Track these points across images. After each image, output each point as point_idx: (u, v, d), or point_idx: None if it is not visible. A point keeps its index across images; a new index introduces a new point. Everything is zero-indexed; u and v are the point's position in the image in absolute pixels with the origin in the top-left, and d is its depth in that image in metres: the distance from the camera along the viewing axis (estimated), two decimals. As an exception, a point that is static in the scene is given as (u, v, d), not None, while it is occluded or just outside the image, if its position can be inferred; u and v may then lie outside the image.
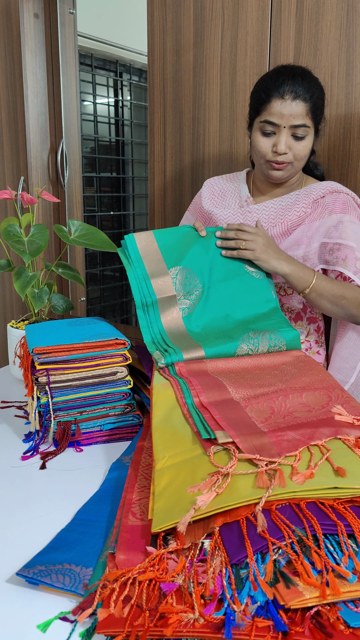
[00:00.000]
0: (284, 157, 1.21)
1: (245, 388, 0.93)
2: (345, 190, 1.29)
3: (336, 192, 1.28)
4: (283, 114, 1.17)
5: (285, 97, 1.17)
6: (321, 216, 1.27)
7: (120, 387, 1.06)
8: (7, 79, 2.11)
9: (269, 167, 1.24)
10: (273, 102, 1.18)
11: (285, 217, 1.28)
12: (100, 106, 2.72)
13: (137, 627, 0.55)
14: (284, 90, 1.17)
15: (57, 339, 1.07)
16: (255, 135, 1.24)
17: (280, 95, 1.17)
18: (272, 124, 1.19)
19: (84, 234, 1.46)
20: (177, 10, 1.72)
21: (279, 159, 1.22)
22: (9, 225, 1.38)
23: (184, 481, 0.72)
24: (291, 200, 1.29)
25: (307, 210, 1.27)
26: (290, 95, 1.16)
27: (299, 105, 1.17)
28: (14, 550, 0.71)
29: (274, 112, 1.18)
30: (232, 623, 0.54)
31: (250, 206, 1.33)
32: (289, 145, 1.20)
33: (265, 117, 1.20)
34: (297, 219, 1.27)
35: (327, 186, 1.29)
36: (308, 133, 1.21)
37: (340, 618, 0.54)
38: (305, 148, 1.22)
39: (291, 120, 1.18)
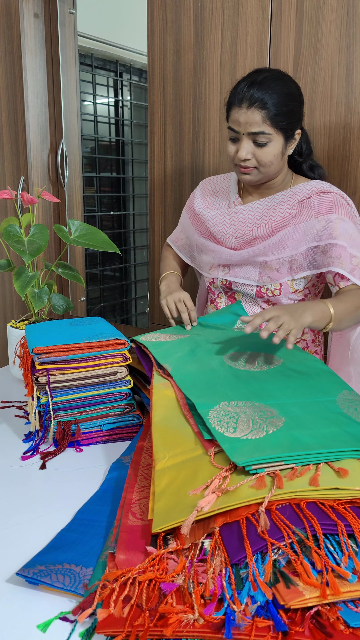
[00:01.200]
0: (247, 163, 1.23)
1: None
2: (333, 190, 1.27)
3: (323, 193, 1.26)
4: (240, 121, 1.19)
5: (241, 105, 1.18)
6: (308, 218, 1.25)
7: (120, 387, 1.06)
8: (7, 79, 2.11)
9: (238, 170, 1.27)
10: (232, 110, 1.20)
11: (269, 218, 1.28)
12: (100, 106, 2.72)
13: (137, 627, 0.55)
14: (241, 97, 1.18)
15: (57, 339, 1.07)
16: (228, 140, 1.26)
17: (237, 103, 1.19)
18: (233, 130, 1.21)
19: (84, 234, 1.46)
20: (177, 10, 1.72)
21: (242, 164, 1.24)
22: (9, 225, 1.38)
23: (184, 481, 0.72)
24: (277, 200, 1.29)
25: (292, 212, 1.26)
26: (245, 103, 1.17)
27: (254, 113, 1.17)
28: (14, 550, 0.71)
29: (233, 119, 1.20)
30: (232, 623, 0.54)
31: (237, 207, 1.35)
32: (251, 152, 1.21)
33: (229, 123, 1.22)
34: (282, 220, 1.26)
35: (313, 186, 1.27)
36: (270, 140, 1.19)
37: (340, 618, 0.54)
38: (269, 154, 1.21)
39: (248, 128, 1.18)
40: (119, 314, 3.03)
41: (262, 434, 0.78)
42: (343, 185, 1.53)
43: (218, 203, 1.40)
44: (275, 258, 1.28)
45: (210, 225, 1.37)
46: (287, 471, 0.70)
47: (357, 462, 0.73)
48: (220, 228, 1.35)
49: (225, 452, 0.74)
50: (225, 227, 1.35)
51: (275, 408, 0.86)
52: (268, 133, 1.18)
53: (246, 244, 1.32)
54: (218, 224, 1.36)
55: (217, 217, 1.36)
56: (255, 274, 1.33)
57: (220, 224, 1.36)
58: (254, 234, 1.29)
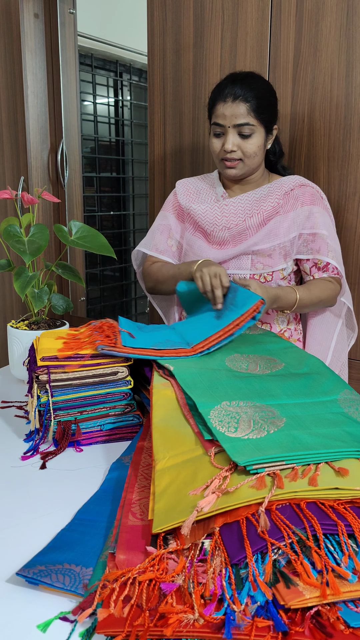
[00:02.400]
0: (233, 155, 1.32)
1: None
2: (310, 184, 1.40)
3: (303, 186, 1.39)
4: (226, 115, 1.29)
5: (226, 100, 1.29)
6: (294, 207, 1.37)
7: (120, 387, 1.06)
8: (7, 79, 2.11)
9: (223, 165, 1.36)
10: (217, 106, 1.31)
11: (260, 207, 1.37)
12: (100, 106, 2.72)
13: (137, 627, 0.55)
14: (225, 93, 1.29)
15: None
16: (210, 138, 1.37)
17: (222, 99, 1.29)
18: (219, 125, 1.31)
19: (84, 235, 1.46)
20: (177, 10, 1.72)
21: (228, 157, 1.32)
22: (9, 225, 1.39)
23: (184, 482, 0.72)
24: (264, 192, 1.39)
25: (279, 202, 1.36)
26: (230, 97, 1.28)
27: (239, 105, 1.28)
28: (14, 550, 0.71)
29: (219, 114, 1.30)
30: (232, 623, 0.54)
31: (226, 200, 1.41)
32: (236, 144, 1.31)
33: (214, 120, 1.32)
34: (272, 209, 1.36)
35: (296, 180, 1.39)
36: (254, 131, 1.30)
37: (340, 618, 0.54)
38: (254, 145, 1.32)
39: (234, 120, 1.29)
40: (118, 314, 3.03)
41: (263, 434, 0.78)
42: (343, 185, 1.53)
43: (203, 198, 1.46)
44: (267, 246, 1.36)
45: (200, 218, 1.42)
46: (287, 471, 0.70)
47: (357, 462, 0.73)
48: (212, 220, 1.40)
49: (226, 452, 0.74)
50: (217, 219, 1.40)
51: (276, 408, 0.86)
52: (252, 124, 1.29)
53: (238, 234, 1.38)
54: (209, 216, 1.40)
55: (208, 210, 1.41)
56: (248, 262, 1.39)
57: (212, 217, 1.40)
58: (246, 224, 1.37)
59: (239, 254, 1.37)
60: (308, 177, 1.57)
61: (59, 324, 1.41)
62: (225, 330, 1.11)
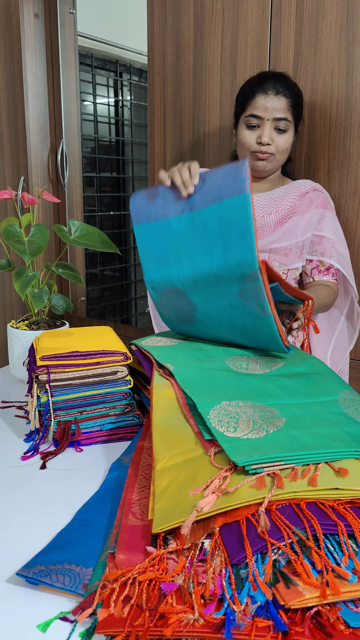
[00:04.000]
0: (268, 148, 1.33)
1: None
2: (323, 190, 1.44)
3: (317, 191, 1.43)
4: (267, 107, 1.30)
5: (268, 93, 1.31)
6: (309, 209, 1.40)
7: (120, 387, 1.06)
8: (7, 79, 2.11)
9: (254, 157, 1.36)
10: (257, 97, 1.31)
11: (278, 206, 1.40)
12: (100, 106, 2.72)
13: (137, 627, 0.55)
14: (267, 87, 1.31)
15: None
16: (240, 130, 1.36)
17: (264, 91, 1.31)
18: (256, 117, 1.32)
19: (84, 234, 1.46)
20: (177, 10, 1.72)
21: (263, 149, 1.33)
22: (9, 225, 1.39)
23: (184, 482, 0.72)
24: (282, 192, 1.42)
25: (296, 202, 1.40)
26: (272, 91, 1.30)
27: (281, 100, 1.31)
28: (14, 550, 0.71)
29: (258, 106, 1.31)
30: (232, 623, 0.54)
31: None
32: (272, 138, 1.32)
33: (250, 111, 1.32)
34: (289, 209, 1.40)
35: (310, 184, 1.43)
36: (289, 128, 1.33)
37: (340, 618, 0.54)
38: (287, 142, 1.34)
39: (274, 113, 1.31)
40: (119, 314, 3.03)
41: (262, 434, 0.78)
42: (343, 185, 1.53)
43: None
44: (285, 245, 1.38)
45: None
46: (287, 471, 0.70)
47: (357, 462, 0.73)
48: None
49: (225, 452, 0.74)
50: None
51: (275, 408, 0.86)
52: (289, 120, 1.32)
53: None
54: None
55: None
56: (264, 258, 1.41)
57: None
58: (264, 221, 1.40)
59: (263, 247, 1.39)
60: (308, 177, 1.57)
61: (59, 324, 1.41)
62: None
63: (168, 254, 1.11)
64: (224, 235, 1.01)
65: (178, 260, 1.09)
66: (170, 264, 1.11)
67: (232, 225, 1.00)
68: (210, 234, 1.03)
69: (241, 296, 1.02)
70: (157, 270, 1.13)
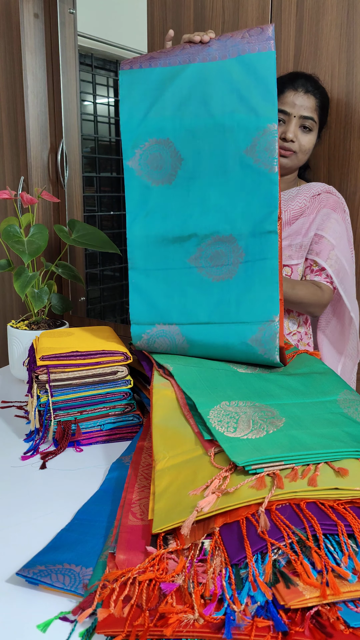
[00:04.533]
0: (291, 145, 1.32)
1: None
2: (337, 194, 1.43)
3: (330, 193, 1.41)
4: (295, 103, 1.30)
5: (298, 90, 1.31)
6: (317, 210, 1.39)
7: (120, 387, 1.06)
8: (7, 79, 2.11)
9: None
10: (287, 93, 1.31)
11: (288, 206, 1.39)
12: (100, 106, 2.72)
13: (137, 627, 0.55)
14: (298, 84, 1.31)
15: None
16: None
17: (294, 88, 1.31)
18: (283, 112, 1.31)
19: (84, 234, 1.46)
20: (177, 10, 1.72)
21: (287, 145, 1.32)
22: (9, 225, 1.39)
23: (184, 482, 0.72)
24: (293, 193, 1.42)
25: (306, 204, 1.39)
26: (302, 89, 1.31)
27: (310, 98, 1.31)
28: (14, 550, 0.71)
29: (287, 101, 1.31)
30: (232, 623, 0.54)
31: None
32: (296, 135, 1.32)
33: (279, 106, 1.30)
34: (299, 210, 1.38)
35: (324, 186, 1.42)
36: (314, 128, 1.33)
37: (340, 618, 0.54)
38: (310, 142, 1.34)
39: (302, 111, 1.31)
40: (119, 314, 3.03)
41: (262, 434, 0.78)
42: (343, 185, 1.53)
43: None
44: (288, 244, 1.38)
45: None
46: (287, 471, 0.70)
47: (357, 462, 0.73)
48: None
49: (225, 452, 0.74)
50: None
51: (275, 408, 0.86)
52: (315, 121, 1.33)
53: None
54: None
55: None
56: None
57: None
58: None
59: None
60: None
61: (59, 324, 1.41)
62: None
63: (167, 101, 1.03)
64: (243, 90, 0.99)
65: (177, 110, 1.03)
66: (166, 113, 1.03)
67: (256, 80, 0.98)
68: (227, 86, 1.00)
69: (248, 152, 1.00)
70: (143, 116, 1.04)
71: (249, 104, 0.99)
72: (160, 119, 1.03)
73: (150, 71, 1.03)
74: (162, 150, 1.04)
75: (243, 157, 1.01)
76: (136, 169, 1.05)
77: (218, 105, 1.01)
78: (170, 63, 1.03)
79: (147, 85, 1.04)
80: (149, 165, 1.05)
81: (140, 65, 1.04)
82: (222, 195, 1.03)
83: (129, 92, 1.04)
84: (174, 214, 1.05)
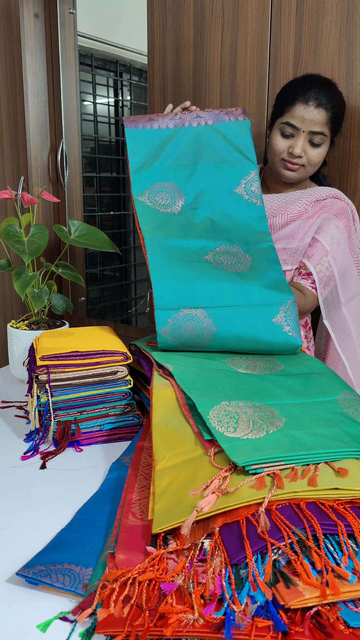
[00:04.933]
0: (298, 160, 1.29)
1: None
2: (347, 200, 1.36)
3: (337, 199, 1.35)
4: (305, 118, 1.24)
5: (309, 103, 1.24)
6: (317, 215, 1.33)
7: (120, 387, 1.06)
8: (7, 79, 2.11)
9: (283, 165, 1.31)
10: (297, 106, 1.25)
11: (286, 209, 1.34)
12: (100, 106, 2.72)
13: (137, 627, 0.55)
14: (309, 96, 1.24)
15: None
16: (274, 134, 1.30)
17: (304, 101, 1.24)
18: (292, 126, 1.26)
19: (84, 234, 1.46)
20: (177, 10, 1.72)
21: (294, 160, 1.29)
22: (9, 225, 1.39)
23: (184, 482, 0.72)
24: (295, 196, 1.36)
25: (307, 208, 1.34)
26: (314, 102, 1.24)
27: (321, 113, 1.24)
28: (14, 550, 0.71)
29: (296, 115, 1.25)
30: (232, 623, 0.54)
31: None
32: (304, 150, 1.27)
33: (287, 119, 1.26)
34: (297, 213, 1.33)
35: (331, 191, 1.36)
36: (324, 141, 1.28)
37: (340, 618, 0.54)
38: (320, 155, 1.29)
39: (311, 126, 1.25)
40: (119, 314, 3.02)
41: (262, 434, 0.78)
42: (343, 185, 1.53)
43: None
44: (282, 247, 1.33)
45: None
46: (287, 471, 0.70)
47: (357, 462, 0.73)
48: None
49: (225, 452, 0.74)
50: None
51: (275, 408, 0.86)
52: (325, 135, 1.27)
53: None
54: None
55: None
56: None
57: None
58: (270, 222, 1.34)
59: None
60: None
61: (59, 324, 1.41)
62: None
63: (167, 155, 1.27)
64: (228, 146, 1.27)
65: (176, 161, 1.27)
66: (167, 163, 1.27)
67: (236, 139, 1.28)
68: (215, 143, 1.28)
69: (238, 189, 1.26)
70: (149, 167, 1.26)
71: (234, 156, 1.27)
72: (163, 167, 1.26)
73: (151, 131, 1.28)
74: (167, 190, 1.24)
75: (234, 194, 1.25)
76: (146, 201, 1.24)
77: (209, 157, 1.26)
78: (167, 125, 1.28)
79: (151, 143, 1.27)
80: (157, 200, 1.24)
81: (142, 125, 1.28)
82: (222, 217, 1.23)
83: (136, 148, 1.26)
84: (183, 232, 1.21)
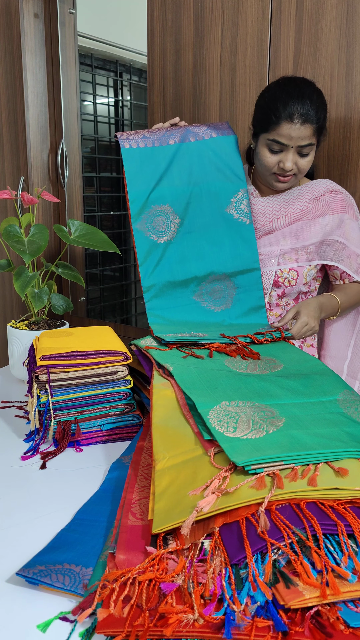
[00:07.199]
0: (289, 172, 1.29)
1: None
2: (341, 190, 1.39)
3: (334, 192, 1.38)
4: (292, 136, 1.23)
5: (294, 121, 1.22)
6: (323, 214, 1.36)
7: (120, 387, 1.06)
8: (7, 79, 2.11)
9: (274, 179, 1.33)
10: (283, 125, 1.23)
11: (289, 209, 1.36)
12: (100, 106, 2.72)
13: (137, 627, 0.55)
14: (293, 113, 1.21)
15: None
16: (262, 149, 1.30)
17: (290, 119, 1.22)
18: (280, 143, 1.25)
19: (84, 234, 1.46)
20: (177, 10, 1.72)
21: (285, 174, 1.29)
22: (9, 225, 1.39)
23: (184, 482, 0.72)
24: (294, 195, 1.38)
25: (308, 206, 1.36)
26: (299, 120, 1.22)
27: (307, 128, 1.23)
28: (14, 550, 0.71)
29: (283, 134, 1.23)
30: (231, 623, 0.54)
31: (255, 199, 1.40)
32: (295, 162, 1.28)
33: (274, 137, 1.25)
34: (300, 213, 1.36)
35: (327, 185, 1.38)
36: (313, 149, 1.28)
37: (340, 618, 0.54)
38: (309, 162, 1.30)
39: (299, 142, 1.24)
40: (119, 314, 3.02)
41: (262, 434, 0.78)
42: (343, 185, 1.53)
43: None
44: (292, 248, 1.36)
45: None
46: (287, 471, 0.70)
47: (357, 462, 0.73)
48: None
49: (225, 452, 0.74)
50: None
51: (275, 408, 0.86)
52: (313, 144, 1.27)
53: (265, 235, 1.39)
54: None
55: None
56: (275, 263, 1.38)
57: None
58: (273, 225, 1.37)
59: (266, 254, 1.37)
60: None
61: (59, 324, 1.41)
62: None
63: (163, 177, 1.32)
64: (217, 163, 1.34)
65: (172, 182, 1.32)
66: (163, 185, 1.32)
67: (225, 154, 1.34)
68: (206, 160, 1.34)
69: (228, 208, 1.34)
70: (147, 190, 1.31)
71: (225, 173, 1.34)
72: (159, 189, 1.31)
73: (146, 150, 1.32)
74: (163, 214, 1.31)
75: (225, 214, 1.33)
76: (144, 230, 1.30)
77: (201, 175, 1.33)
78: (161, 143, 1.33)
79: (147, 164, 1.31)
80: (154, 227, 1.30)
81: (137, 144, 1.32)
82: (213, 244, 1.32)
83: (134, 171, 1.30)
84: (177, 263, 1.30)
